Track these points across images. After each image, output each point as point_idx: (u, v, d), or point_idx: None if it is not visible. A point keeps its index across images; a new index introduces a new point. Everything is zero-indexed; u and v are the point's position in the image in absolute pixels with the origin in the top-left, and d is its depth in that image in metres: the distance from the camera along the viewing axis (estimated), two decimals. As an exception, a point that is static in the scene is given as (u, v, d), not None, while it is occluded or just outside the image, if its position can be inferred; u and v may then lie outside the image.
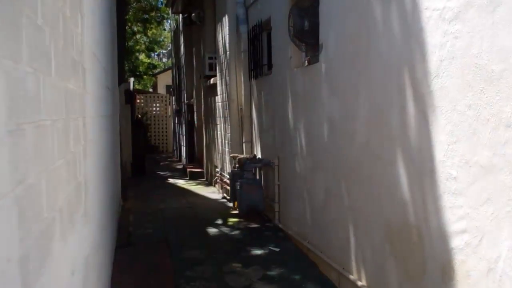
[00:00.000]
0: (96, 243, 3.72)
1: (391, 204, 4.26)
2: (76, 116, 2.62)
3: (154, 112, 23.81)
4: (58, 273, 1.88)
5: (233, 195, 8.77)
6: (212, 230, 7.74)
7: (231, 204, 9.38)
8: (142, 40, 24.50)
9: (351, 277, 4.99)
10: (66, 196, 2.19)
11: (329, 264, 5.52)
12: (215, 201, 10.27)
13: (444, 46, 3.53)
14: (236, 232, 7.60)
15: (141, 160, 14.78)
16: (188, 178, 13.74)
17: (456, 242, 3.45)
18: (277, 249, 6.59)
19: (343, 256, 5.24)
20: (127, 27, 19.38)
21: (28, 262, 1.40)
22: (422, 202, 3.82)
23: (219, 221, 8.31)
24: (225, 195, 10.26)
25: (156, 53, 39.09)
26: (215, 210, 9.26)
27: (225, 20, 10.02)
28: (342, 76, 5.18)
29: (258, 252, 6.53)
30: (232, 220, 8.33)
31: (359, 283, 4.81)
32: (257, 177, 8.56)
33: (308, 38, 5.96)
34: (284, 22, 6.74)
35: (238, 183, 8.07)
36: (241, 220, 8.23)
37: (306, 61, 6.38)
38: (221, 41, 10.60)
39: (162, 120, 23.94)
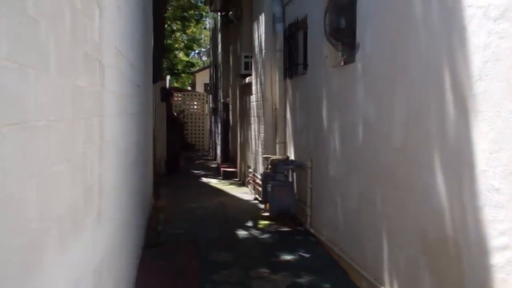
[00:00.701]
0: (115, 246, 3.59)
1: (427, 213, 4.00)
2: (89, 115, 2.47)
3: (191, 110, 23.84)
4: (53, 286, 1.73)
5: (265, 197, 8.58)
6: (241, 233, 7.57)
7: (262, 206, 9.20)
8: (181, 38, 24.54)
9: (383, 288, 4.75)
10: (70, 202, 2.04)
11: (361, 273, 5.28)
12: (246, 202, 10.11)
13: (488, 47, 3.26)
14: (266, 235, 7.41)
15: (175, 158, 14.74)
16: (221, 177, 13.63)
17: (496, 259, 3.19)
18: (308, 255, 6.38)
19: (375, 266, 4.99)
20: (166, 25, 19.43)
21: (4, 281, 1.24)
22: (461, 213, 3.56)
23: (250, 223, 8.13)
24: (257, 196, 10.09)
25: (196, 52, 39.26)
26: (246, 211, 9.10)
27: (262, 18, 9.84)
28: (379, 77, 4.93)
29: (288, 257, 6.32)
30: (263, 222, 8.15)
31: (391, 296, 4.57)
32: (289, 179, 8.36)
33: (345, 37, 5.73)
34: (320, 21, 6.51)
35: (270, 185, 7.88)
36: (272, 223, 8.04)
37: (342, 61, 6.15)
38: (257, 39, 10.43)
39: (199, 118, 23.95)
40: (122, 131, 4.04)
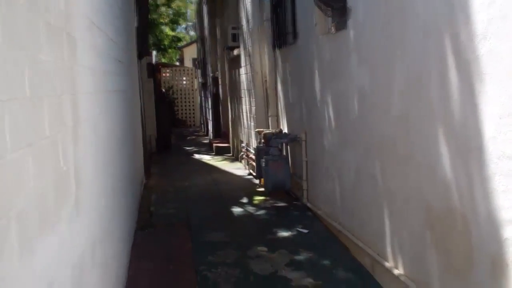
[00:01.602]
0: (101, 234, 3.35)
1: (431, 186, 3.77)
2: (56, 93, 2.19)
3: (180, 86, 23.48)
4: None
5: (259, 172, 8.35)
6: (236, 210, 7.34)
7: (257, 181, 8.98)
8: (166, 13, 24.03)
9: (387, 264, 4.54)
10: (36, 194, 1.78)
11: (362, 249, 5.07)
12: (240, 177, 9.88)
13: (493, 2, 2.99)
14: (262, 211, 7.19)
15: (166, 135, 14.45)
16: (214, 153, 13.38)
17: (509, 232, 2.97)
18: (306, 231, 6.16)
19: (377, 241, 4.78)
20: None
21: None
22: (468, 184, 3.33)
23: (244, 200, 7.91)
24: (251, 171, 9.86)
25: (183, 27, 38.64)
26: (240, 187, 8.87)
27: (248, -13, 9.48)
28: (373, 43, 4.65)
29: (285, 234, 6.11)
30: (258, 198, 7.92)
31: (396, 272, 4.36)
32: (283, 153, 8.11)
33: (335, 2, 5.42)
34: (309, -14, 6.20)
35: (264, 159, 7.64)
36: (267, 198, 7.82)
37: (333, 28, 5.85)
38: (243, 10, 10.08)
39: (189, 94, 23.60)
40: (102, 110, 3.76)
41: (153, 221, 6.97)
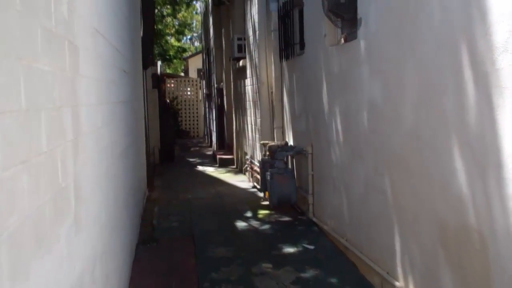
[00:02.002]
0: (102, 251, 3.21)
1: (445, 202, 3.62)
2: (56, 105, 2.07)
3: (185, 97, 23.39)
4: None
5: (264, 185, 8.20)
6: (240, 224, 7.19)
7: (261, 194, 8.83)
8: (172, 23, 24.01)
9: (397, 284, 4.38)
10: (32, 213, 1.65)
11: (371, 266, 4.91)
12: (244, 190, 9.73)
13: (515, 13, 2.86)
14: (267, 226, 7.04)
15: (170, 146, 14.33)
16: (217, 165, 13.24)
17: (531, 254, 2.82)
18: (312, 247, 6.01)
19: (387, 259, 4.62)
20: (156, 10, 18.89)
21: None
22: (486, 202, 3.18)
23: (249, 214, 7.76)
24: (255, 184, 9.72)
25: (188, 37, 38.71)
26: (245, 201, 8.72)
27: (254, -3, 9.39)
28: (385, 54, 4.52)
29: (291, 250, 5.95)
30: (263, 212, 7.77)
31: (406, 292, 4.20)
32: (289, 166, 7.97)
33: (345, 13, 5.31)
34: (318, -4, 6.09)
35: (269, 173, 7.50)
36: (272, 212, 7.67)
37: (342, 39, 5.73)
38: (250, 20, 9.98)
39: (193, 105, 23.52)
40: (106, 122, 3.64)
41: (156, 235, 6.82)
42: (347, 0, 5.23)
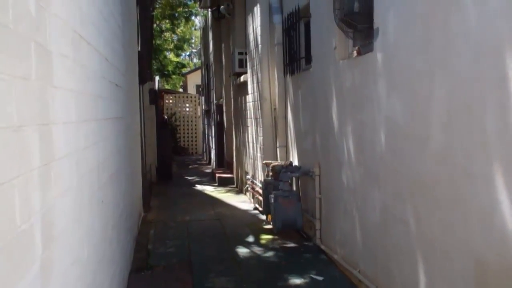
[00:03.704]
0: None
1: (484, 238, 3.12)
2: (14, 123, 1.58)
3: (183, 113, 22.94)
4: None
5: (266, 208, 7.68)
6: (242, 251, 6.66)
7: (263, 217, 8.31)
8: (171, 39, 23.64)
9: (422, 327, 3.86)
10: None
11: (390, 304, 4.40)
12: (246, 212, 9.20)
13: None
14: (270, 253, 6.50)
15: (167, 164, 13.82)
16: (217, 184, 12.72)
17: None
18: (320, 278, 5.48)
19: (409, 298, 4.10)
20: (154, 24, 18.53)
21: None
22: (537, 240, 2.69)
23: (251, 239, 7.23)
24: (257, 205, 9.19)
25: (187, 54, 38.39)
26: (246, 223, 8.20)
27: (257, 10, 8.95)
28: (407, 67, 4.05)
29: (297, 281, 5.42)
30: (265, 237, 7.24)
31: (434, 337, 3.68)
32: (294, 188, 7.46)
33: (359, 22, 4.85)
34: (327, 6, 5.64)
35: (272, 195, 6.98)
36: (276, 237, 7.14)
37: (355, 52, 5.27)
38: (252, 34, 9.53)
39: (192, 121, 23.06)
40: (91, 141, 3.14)
41: (151, 261, 6.28)
42: (362, 8, 4.77)
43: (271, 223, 7.38)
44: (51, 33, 2.12)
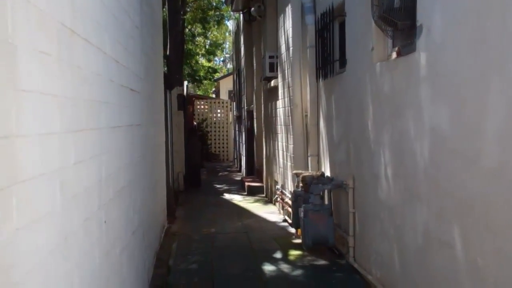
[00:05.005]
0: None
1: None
2: None
3: (215, 119, 22.60)
4: None
5: (296, 221, 7.18)
6: (269, 268, 6.17)
7: (292, 230, 7.81)
8: (203, 43, 23.35)
9: None
10: None
11: None
12: (274, 224, 8.70)
13: None
14: (299, 271, 6.00)
15: (195, 172, 13.43)
16: (246, 193, 12.27)
17: None
18: (354, 303, 4.97)
19: (457, 335, 3.56)
20: (186, 29, 18.24)
21: None
22: None
23: (278, 255, 6.74)
24: (286, 217, 8.70)
25: (221, 59, 38.21)
26: (274, 237, 7.71)
27: (288, 10, 8.49)
28: (456, 71, 3.52)
29: (328, 306, 4.92)
30: (294, 253, 6.74)
31: None
32: (325, 202, 6.94)
33: (400, 19, 4.32)
34: (365, 3, 5.14)
35: (302, 209, 6.47)
36: (305, 254, 6.63)
37: (395, 53, 4.75)
38: (283, 36, 9.06)
39: (223, 127, 22.70)
40: (88, 155, 2.72)
41: (171, 279, 5.86)
42: (403, 3, 4.25)
43: (301, 238, 6.87)
44: (18, 23, 1.69)
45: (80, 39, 2.58)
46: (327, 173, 7.10)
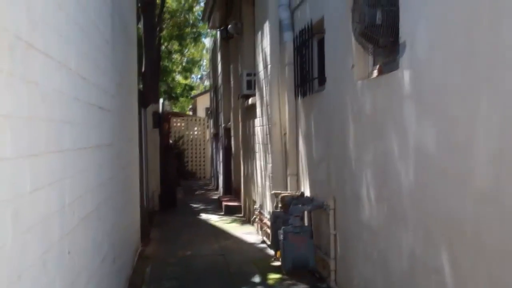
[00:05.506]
0: None
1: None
2: None
3: (192, 136, 22.35)
4: None
5: (275, 243, 6.94)
6: (247, 293, 5.93)
7: (271, 252, 7.57)
8: (179, 61, 23.13)
9: None
10: None
11: None
12: (252, 246, 8.45)
13: None
14: (279, 297, 5.78)
15: (171, 191, 13.11)
16: (223, 212, 12.00)
17: None
18: (336, 331, 4.74)
19: None
20: (162, 46, 18.02)
21: None
22: None
23: (257, 278, 6.49)
24: (265, 238, 8.45)
25: (199, 76, 37.97)
26: (253, 259, 7.45)
27: (266, 27, 8.33)
28: (442, 87, 3.36)
29: (310, 334, 4.69)
30: (274, 277, 6.49)
31: None
32: (306, 222, 6.72)
33: (382, 36, 4.17)
34: (344, 20, 5.01)
35: (282, 231, 6.24)
36: (285, 277, 6.40)
37: (376, 70, 4.60)
38: (261, 53, 8.90)
39: (200, 145, 22.45)
40: (48, 181, 2.47)
41: (143, 307, 5.58)
42: (385, 19, 4.10)
43: (280, 260, 6.64)
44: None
45: (39, 53, 2.35)
46: (307, 193, 6.90)
